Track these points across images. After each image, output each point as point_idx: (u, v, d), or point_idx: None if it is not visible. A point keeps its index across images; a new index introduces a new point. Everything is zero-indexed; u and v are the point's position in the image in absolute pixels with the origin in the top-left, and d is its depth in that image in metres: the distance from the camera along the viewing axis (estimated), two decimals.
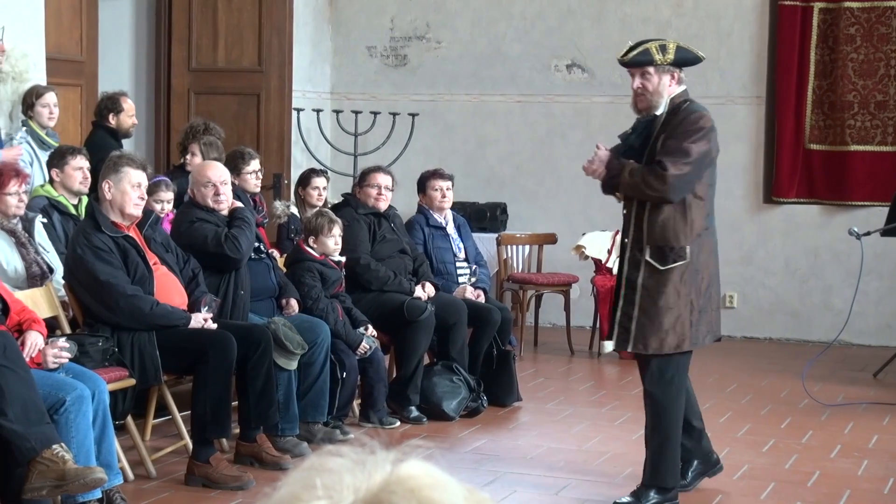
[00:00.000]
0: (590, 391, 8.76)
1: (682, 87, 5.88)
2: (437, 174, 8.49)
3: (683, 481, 6.03)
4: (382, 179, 7.96)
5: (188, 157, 8.21)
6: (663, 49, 5.81)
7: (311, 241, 7.35)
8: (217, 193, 6.84)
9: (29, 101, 7.82)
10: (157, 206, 7.07)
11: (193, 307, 6.34)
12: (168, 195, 7.32)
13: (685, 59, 5.90)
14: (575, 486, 6.32)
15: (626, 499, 5.88)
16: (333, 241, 7.33)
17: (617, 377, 9.19)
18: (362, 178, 8.08)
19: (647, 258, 5.73)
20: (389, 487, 1.07)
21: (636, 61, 5.79)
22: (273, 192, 10.01)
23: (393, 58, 11.61)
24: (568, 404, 8.20)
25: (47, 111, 7.83)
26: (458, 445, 7.07)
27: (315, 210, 7.86)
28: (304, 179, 8.65)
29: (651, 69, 5.78)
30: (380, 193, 7.93)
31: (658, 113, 5.81)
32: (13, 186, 6.34)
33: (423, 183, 8.50)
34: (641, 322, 5.76)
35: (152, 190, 6.90)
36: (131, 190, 6.10)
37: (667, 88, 5.79)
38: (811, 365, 8.78)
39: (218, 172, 6.93)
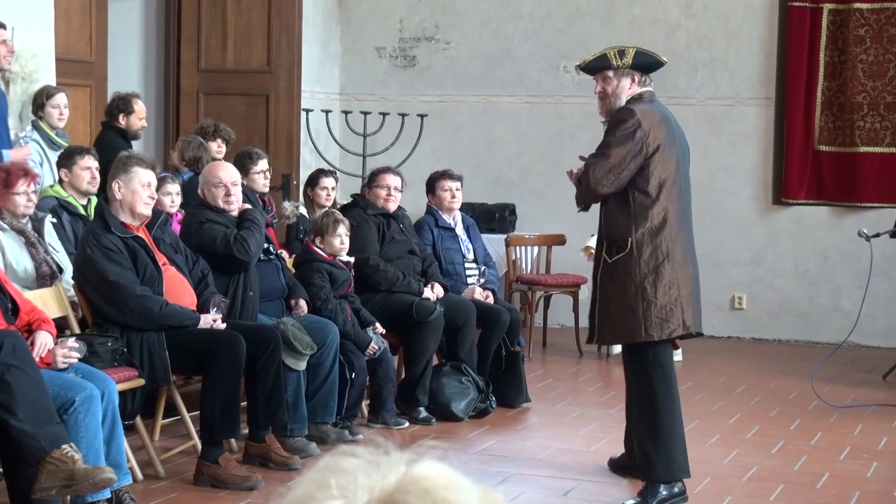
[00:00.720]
0: (598, 392, 8.76)
1: (645, 89, 5.99)
2: (446, 175, 8.49)
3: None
4: (392, 180, 7.97)
5: (171, 153, 8.25)
6: (621, 54, 5.99)
7: (318, 241, 7.35)
8: (228, 194, 6.84)
9: (39, 101, 7.84)
10: (167, 200, 7.08)
11: (202, 308, 6.35)
12: (175, 187, 7.32)
13: (645, 64, 6.03)
14: (583, 487, 6.32)
15: (632, 501, 5.89)
16: (339, 241, 7.33)
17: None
18: (371, 179, 8.08)
19: (603, 252, 5.96)
20: (404, 488, 1.07)
21: (594, 67, 6.02)
22: (282, 192, 10.02)
23: (402, 58, 11.61)
24: (577, 405, 8.20)
25: (57, 112, 7.85)
26: (466, 446, 7.06)
27: (322, 210, 7.86)
28: (313, 180, 8.66)
29: (610, 73, 5.96)
30: (389, 194, 7.93)
31: None
32: (21, 186, 6.34)
33: (433, 183, 8.50)
34: (599, 314, 5.99)
35: (159, 184, 6.90)
36: (141, 189, 6.11)
37: (625, 91, 5.95)
38: (820, 366, 8.77)
39: (229, 173, 6.93)
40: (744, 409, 8.10)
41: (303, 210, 8.68)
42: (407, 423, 7.49)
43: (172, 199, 7.24)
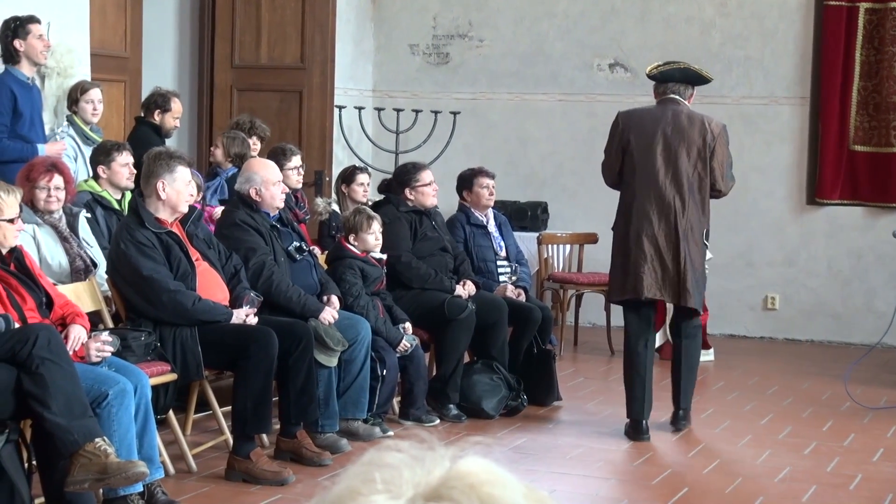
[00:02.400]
0: None
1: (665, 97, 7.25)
2: (483, 172, 8.49)
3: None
4: (430, 175, 8.01)
5: (212, 149, 8.27)
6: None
7: (351, 238, 7.35)
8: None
9: (74, 96, 7.87)
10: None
11: (235, 303, 6.37)
12: (199, 180, 7.38)
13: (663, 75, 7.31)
14: (614, 486, 6.30)
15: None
16: (374, 238, 7.33)
17: (657, 378, 9.13)
18: (411, 180, 7.99)
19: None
20: (449, 483, 1.07)
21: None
22: (314, 188, 10.03)
23: (435, 56, 11.61)
24: (608, 404, 8.17)
25: (91, 107, 7.88)
26: (497, 444, 7.05)
27: (353, 208, 7.84)
28: (349, 176, 8.64)
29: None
30: (434, 189, 7.98)
31: None
32: (42, 181, 6.38)
33: (470, 181, 8.47)
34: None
35: None
36: (184, 188, 6.18)
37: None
38: (854, 367, 8.71)
39: (278, 172, 7.00)
40: (776, 410, 8.07)
41: (335, 207, 8.69)
42: (437, 421, 7.49)
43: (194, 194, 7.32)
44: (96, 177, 7.20)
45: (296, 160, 8.10)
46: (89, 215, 6.95)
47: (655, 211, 7.00)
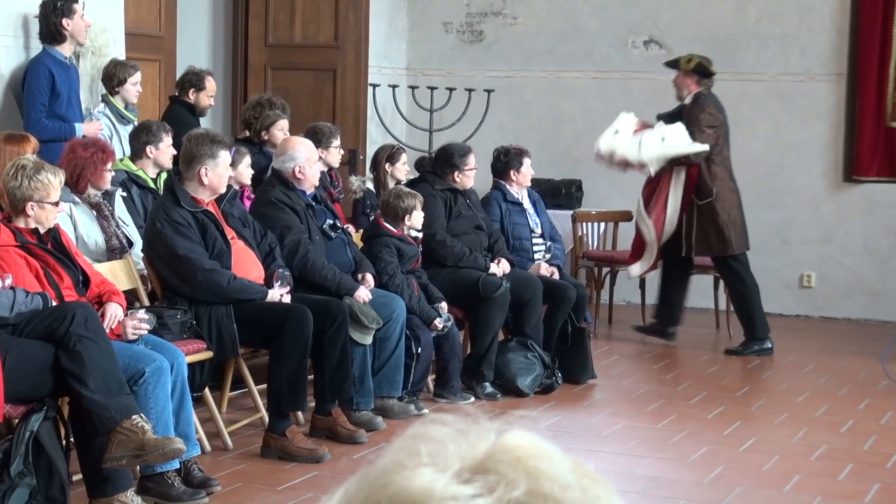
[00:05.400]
0: (664, 369, 8.72)
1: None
2: (524, 151, 8.49)
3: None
4: (475, 159, 8.08)
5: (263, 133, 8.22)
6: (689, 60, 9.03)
7: (406, 219, 7.32)
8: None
9: (121, 76, 7.86)
10: (247, 173, 7.37)
11: (270, 281, 6.39)
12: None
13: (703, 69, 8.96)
14: (650, 464, 6.30)
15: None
16: (421, 216, 7.38)
17: (692, 356, 9.13)
18: (461, 164, 8.00)
19: None
20: (496, 456, 1.06)
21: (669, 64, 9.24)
22: (349, 167, 10.04)
23: (469, 34, 11.58)
24: (643, 382, 8.16)
25: (136, 88, 7.92)
26: (531, 422, 7.05)
27: (390, 191, 7.76)
28: (393, 156, 8.59)
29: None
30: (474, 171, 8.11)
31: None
32: (110, 163, 6.48)
33: (520, 160, 8.45)
34: None
35: (237, 160, 7.17)
36: (226, 172, 6.26)
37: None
38: (891, 346, 8.65)
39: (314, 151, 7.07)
40: (812, 388, 8.03)
41: (369, 185, 8.69)
42: (472, 399, 7.50)
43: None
44: (141, 156, 7.20)
45: (338, 139, 8.12)
46: (125, 194, 6.98)
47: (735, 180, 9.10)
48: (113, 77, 7.87)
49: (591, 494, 1.07)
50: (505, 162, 8.47)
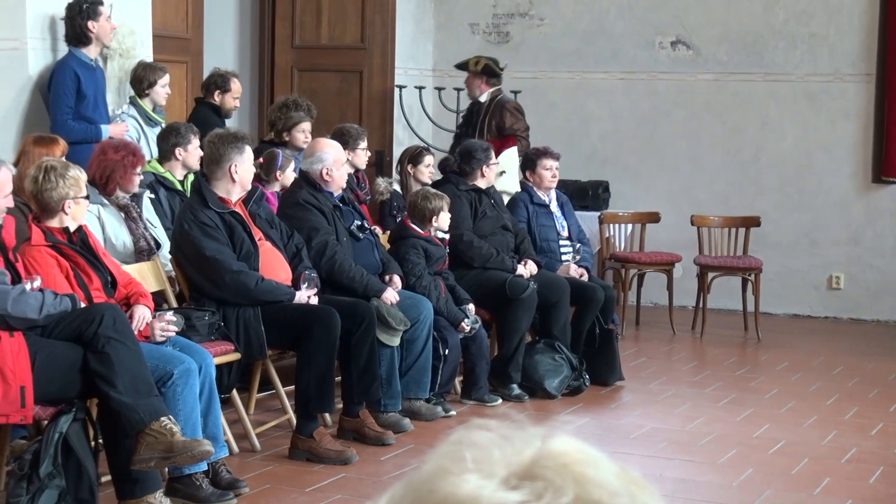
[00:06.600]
0: (693, 371, 8.68)
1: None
2: (548, 153, 8.46)
3: None
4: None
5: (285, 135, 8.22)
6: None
7: (434, 220, 7.32)
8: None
9: (150, 79, 7.87)
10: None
11: (297, 283, 6.38)
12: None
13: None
14: (678, 466, 6.26)
15: None
16: (448, 218, 7.37)
17: (720, 357, 9.08)
18: (487, 158, 7.99)
19: None
20: (542, 462, 1.05)
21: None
22: (375, 168, 10.03)
23: (495, 35, 11.56)
24: (671, 384, 8.13)
25: (165, 91, 7.93)
26: (559, 424, 7.02)
27: (417, 192, 7.75)
28: (416, 157, 8.60)
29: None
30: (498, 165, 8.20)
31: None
32: (139, 167, 6.50)
33: (534, 161, 8.45)
34: None
35: (286, 165, 7.28)
36: (251, 167, 6.27)
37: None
38: None
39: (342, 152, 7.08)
40: (842, 391, 7.98)
41: (396, 187, 8.68)
42: (500, 400, 7.48)
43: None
44: (169, 158, 7.21)
45: (365, 141, 8.12)
46: (153, 196, 6.98)
47: None
48: (143, 80, 7.87)
49: (638, 500, 1.06)
50: (524, 162, 8.49)
